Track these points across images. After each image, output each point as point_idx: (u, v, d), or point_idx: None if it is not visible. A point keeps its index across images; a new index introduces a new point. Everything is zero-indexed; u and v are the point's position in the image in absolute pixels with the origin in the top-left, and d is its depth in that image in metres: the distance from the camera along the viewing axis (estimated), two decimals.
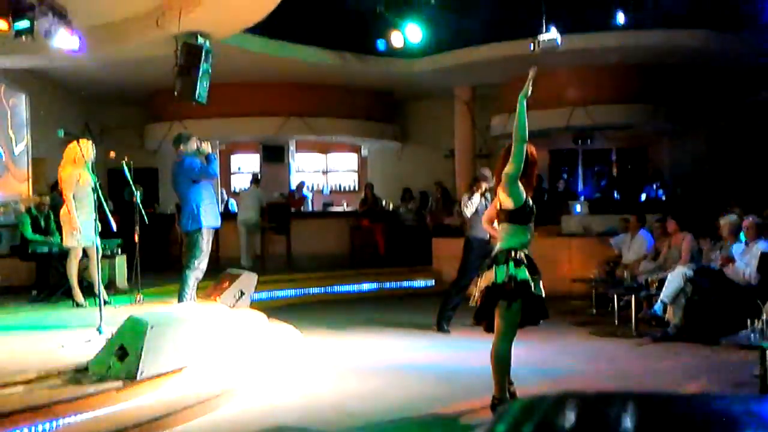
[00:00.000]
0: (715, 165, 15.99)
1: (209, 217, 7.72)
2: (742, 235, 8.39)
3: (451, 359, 7.50)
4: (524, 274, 4.86)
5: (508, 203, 5.02)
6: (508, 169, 4.97)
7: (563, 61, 14.06)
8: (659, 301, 8.20)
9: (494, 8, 13.65)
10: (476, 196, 8.68)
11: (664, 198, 15.00)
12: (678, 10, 12.86)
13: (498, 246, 5.05)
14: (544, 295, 5.05)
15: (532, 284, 4.91)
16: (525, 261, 4.94)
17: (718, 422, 1.32)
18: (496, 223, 5.30)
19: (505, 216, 5.06)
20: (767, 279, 7.66)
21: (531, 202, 5.13)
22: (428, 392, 6.15)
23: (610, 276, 10.27)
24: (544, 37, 12.24)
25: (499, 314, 4.93)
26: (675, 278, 8.14)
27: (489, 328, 5.14)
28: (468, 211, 8.76)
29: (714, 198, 14.97)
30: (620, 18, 12.43)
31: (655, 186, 15.42)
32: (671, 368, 6.93)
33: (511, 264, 4.86)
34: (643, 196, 15.41)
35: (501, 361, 5.02)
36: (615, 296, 9.33)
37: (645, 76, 14.66)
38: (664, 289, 8.17)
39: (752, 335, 5.11)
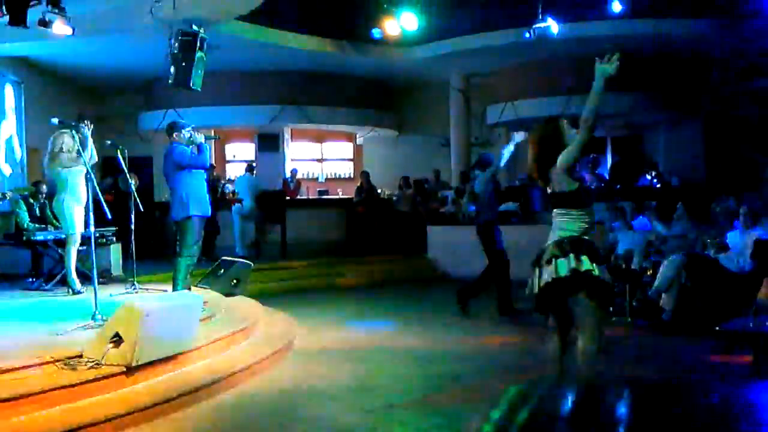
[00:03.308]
0: (711, 153, 16.00)
1: (199, 206, 7.69)
2: (737, 223, 8.42)
3: (445, 345, 7.52)
4: (588, 264, 4.40)
5: (563, 186, 4.52)
6: (571, 152, 4.48)
7: (559, 50, 14.04)
8: (653, 288, 8.22)
9: None
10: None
11: (659, 186, 15.01)
12: None
13: (555, 235, 4.57)
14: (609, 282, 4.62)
15: (597, 273, 4.45)
16: (586, 249, 4.47)
17: (712, 408, 1.33)
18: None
19: (561, 201, 4.57)
20: (761, 267, 7.68)
21: (585, 183, 4.66)
22: (422, 378, 6.17)
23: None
24: (540, 25, 12.24)
25: (582, 312, 4.45)
26: (669, 265, 8.16)
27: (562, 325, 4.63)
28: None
29: (709, 186, 15.01)
30: (615, 7, 12.41)
31: (650, 175, 15.42)
32: (665, 356, 6.96)
33: (572, 256, 4.41)
34: (639, 185, 15.42)
35: (592, 362, 4.38)
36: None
37: (641, 64, 14.62)
38: (658, 276, 8.19)
39: (746, 323, 5.13)
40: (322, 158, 19.30)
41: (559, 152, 4.51)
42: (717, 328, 5.42)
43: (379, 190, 16.32)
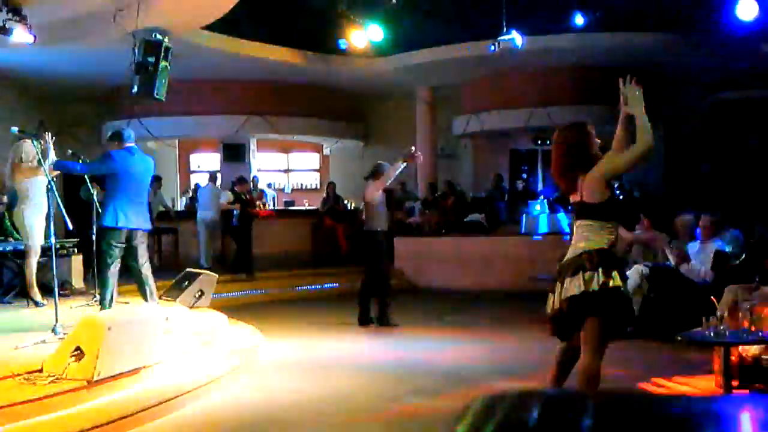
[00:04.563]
0: (670, 165, 16.27)
1: None
2: (697, 234, 8.56)
3: (409, 358, 7.52)
4: (618, 279, 4.17)
5: (595, 196, 4.27)
6: (622, 164, 4.37)
7: (523, 63, 14.20)
8: None
9: (455, 9, 13.74)
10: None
11: (621, 197, 15.22)
12: (636, 12, 13.08)
13: (581, 246, 4.27)
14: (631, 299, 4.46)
15: (624, 290, 4.27)
16: (616, 264, 4.27)
17: (676, 420, 1.34)
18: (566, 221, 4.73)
19: (590, 211, 4.29)
20: (721, 277, 7.81)
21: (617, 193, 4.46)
22: (389, 390, 6.16)
23: None
24: (504, 38, 12.36)
25: (591, 328, 4.21)
26: (632, 276, 8.26)
27: (568, 338, 4.44)
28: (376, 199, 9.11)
29: (668, 198, 15.25)
30: (578, 20, 12.59)
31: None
32: (627, 365, 7.03)
33: (601, 270, 4.14)
34: None
35: (594, 381, 4.23)
36: None
37: (603, 77, 14.82)
38: None
39: (707, 332, 5.21)
40: (288, 169, 19.24)
41: (586, 159, 4.34)
42: (678, 338, 5.49)
43: (345, 201, 16.30)
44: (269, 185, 17.46)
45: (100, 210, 8.27)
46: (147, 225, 7.33)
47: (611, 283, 4.13)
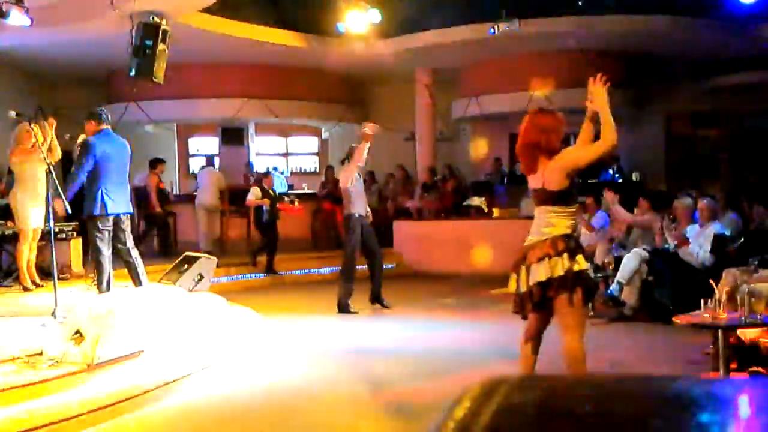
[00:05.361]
0: (671, 149, 16.25)
1: None
2: (696, 217, 8.55)
3: (412, 342, 7.53)
4: (582, 262, 4.33)
5: (555, 184, 4.39)
6: (587, 157, 4.45)
7: (522, 46, 14.13)
8: (615, 282, 8.32)
9: None
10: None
11: (620, 181, 15.21)
12: None
13: (545, 231, 4.39)
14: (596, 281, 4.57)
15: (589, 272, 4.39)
16: (579, 247, 4.42)
17: (674, 403, 1.34)
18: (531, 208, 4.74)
19: (551, 198, 4.41)
20: (720, 260, 7.82)
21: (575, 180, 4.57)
22: (389, 374, 6.18)
23: None
24: (503, 21, 12.31)
25: (565, 311, 4.36)
26: (631, 259, 8.27)
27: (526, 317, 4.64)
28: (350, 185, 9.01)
29: (669, 181, 15.25)
30: (579, 2, 12.52)
31: (612, 169, 15.61)
32: (627, 348, 7.06)
33: (566, 255, 4.28)
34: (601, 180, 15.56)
35: (580, 360, 4.47)
36: None
37: (603, 61, 14.79)
38: (620, 270, 8.30)
39: (705, 316, 5.21)
40: (287, 153, 19.20)
41: (550, 146, 4.43)
42: (678, 320, 5.50)
43: None
44: (275, 169, 17.28)
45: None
46: (130, 208, 7.39)
47: (576, 267, 4.28)
